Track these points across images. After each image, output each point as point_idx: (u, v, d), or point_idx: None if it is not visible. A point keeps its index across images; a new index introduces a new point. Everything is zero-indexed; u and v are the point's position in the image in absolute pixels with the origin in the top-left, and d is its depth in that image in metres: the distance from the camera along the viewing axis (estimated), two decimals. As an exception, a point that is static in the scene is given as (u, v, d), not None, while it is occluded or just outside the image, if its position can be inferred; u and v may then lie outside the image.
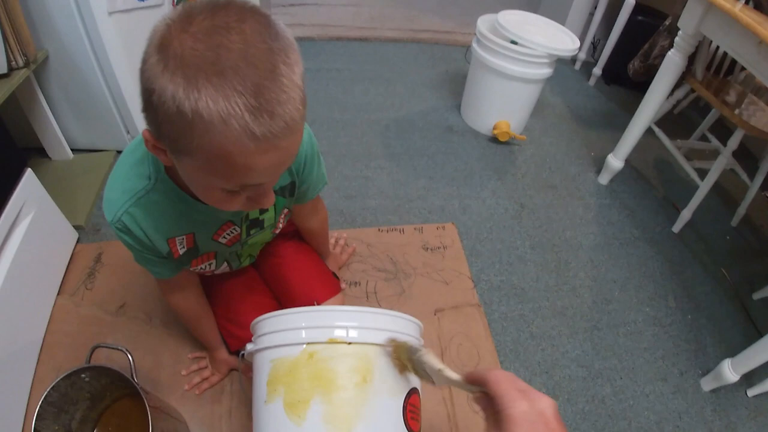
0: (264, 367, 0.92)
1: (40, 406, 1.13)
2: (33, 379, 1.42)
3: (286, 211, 1.16)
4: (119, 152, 2.02)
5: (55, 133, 1.93)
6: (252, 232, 1.12)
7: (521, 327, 1.62)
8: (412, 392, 0.92)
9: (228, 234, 1.06)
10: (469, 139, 2.38)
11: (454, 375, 0.73)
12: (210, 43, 0.58)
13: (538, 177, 2.23)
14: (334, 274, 1.47)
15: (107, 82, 1.82)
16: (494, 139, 2.36)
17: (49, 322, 1.52)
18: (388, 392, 0.88)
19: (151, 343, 1.45)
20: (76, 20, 1.64)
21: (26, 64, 1.62)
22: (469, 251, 1.80)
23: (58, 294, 1.58)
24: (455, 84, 2.78)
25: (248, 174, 0.67)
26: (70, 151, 2.01)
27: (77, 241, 1.71)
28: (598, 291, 1.78)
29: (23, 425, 1.32)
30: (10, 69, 1.58)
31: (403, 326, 0.95)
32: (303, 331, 0.89)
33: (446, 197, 2.01)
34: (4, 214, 1.31)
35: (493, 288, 1.71)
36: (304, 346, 0.88)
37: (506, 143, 2.37)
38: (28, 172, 1.43)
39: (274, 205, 1.08)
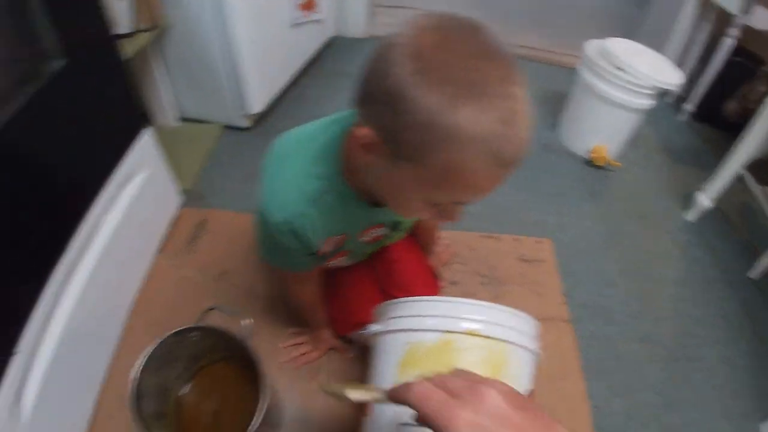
0: (396, 349, 0.94)
1: (147, 359, 1.16)
2: (124, 330, 1.48)
3: None
4: (227, 127, 2.10)
5: (166, 100, 2.02)
6: (392, 234, 1.15)
7: (606, 348, 1.63)
8: (530, 393, 0.95)
9: (372, 233, 1.08)
10: (566, 159, 2.39)
11: (375, 394, 0.61)
12: (473, 65, 0.60)
13: (629, 205, 2.22)
14: (435, 272, 1.50)
15: (226, 57, 1.87)
16: (589, 162, 2.36)
17: (146, 278, 1.58)
18: (512, 389, 0.91)
19: (249, 313, 1.44)
20: (205, -9, 1.71)
21: (150, 29, 1.70)
22: (562, 268, 1.81)
23: (158, 253, 1.64)
24: (551, 103, 2.77)
25: (474, 193, 0.70)
26: (177, 119, 2.09)
27: (181, 206, 1.78)
28: (677, 323, 1.78)
29: (108, 372, 1.40)
30: (135, 31, 1.65)
31: (529, 328, 0.97)
32: (443, 319, 0.90)
33: (543, 213, 2.03)
34: (122, 168, 1.39)
35: (582, 306, 1.72)
36: (443, 333, 0.89)
37: (601, 168, 2.36)
38: (147, 132, 1.50)
39: None
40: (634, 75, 2.07)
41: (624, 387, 1.54)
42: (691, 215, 2.22)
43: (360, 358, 1.41)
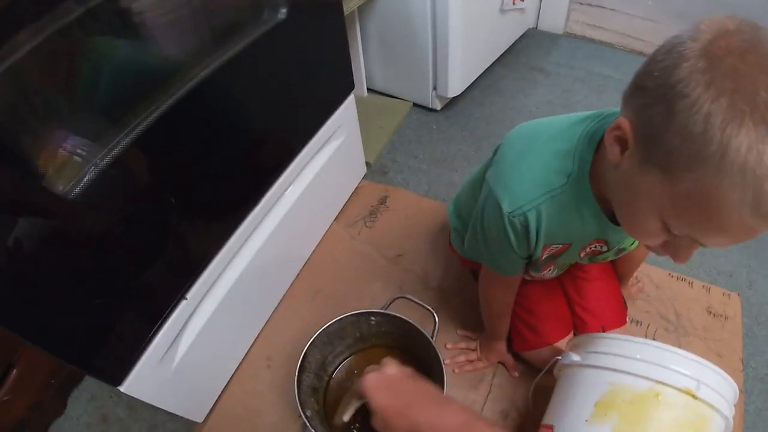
0: (596, 387, 0.92)
1: (318, 334, 1.18)
2: (287, 291, 1.49)
3: None
4: (416, 105, 2.06)
5: (360, 69, 1.98)
6: (609, 255, 1.05)
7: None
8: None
9: (591, 248, 0.99)
10: (769, 207, 2.15)
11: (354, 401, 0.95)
12: None
13: (828, 274, 1.96)
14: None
15: (435, 36, 1.80)
16: (792, 214, 2.11)
17: (319, 245, 1.58)
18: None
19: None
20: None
21: (359, -5, 1.66)
22: (745, 330, 1.61)
23: (334, 221, 1.63)
24: None
25: (714, 233, 0.61)
26: (365, 90, 2.08)
27: (363, 178, 1.76)
28: None
29: (261, 330, 1.41)
30: (343, -4, 1.62)
31: (733, 396, 0.93)
32: (657, 368, 0.88)
33: (736, 263, 1.81)
34: (323, 129, 1.38)
35: (757, 378, 1.52)
36: (654, 383, 0.87)
37: (802, 224, 2.10)
38: (351, 97, 1.48)
39: None
40: None
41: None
42: None
43: (525, 378, 1.32)
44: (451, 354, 1.36)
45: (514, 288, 1.14)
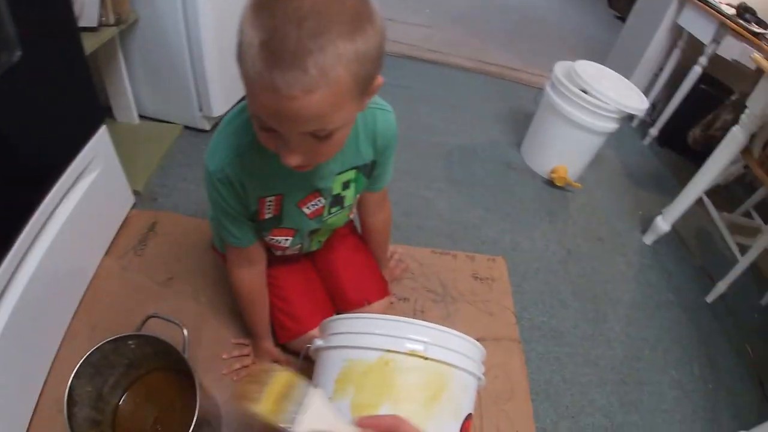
0: (335, 366, 0.94)
1: (81, 365, 1.13)
2: (66, 331, 1.44)
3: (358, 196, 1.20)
4: (186, 127, 2.09)
5: (127, 96, 1.97)
6: (333, 210, 1.15)
7: (555, 369, 1.62)
8: (468, 417, 0.93)
9: (313, 205, 1.10)
10: (527, 178, 2.39)
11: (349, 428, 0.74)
12: None
13: (587, 227, 2.24)
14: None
15: (192, 58, 1.84)
16: (550, 182, 2.37)
17: (92, 279, 1.54)
18: (451, 413, 0.90)
19: (194, 320, 1.46)
20: (177, -10, 1.68)
21: (116, 23, 1.66)
22: (515, 288, 1.81)
23: (105, 254, 1.60)
24: (517, 121, 2.79)
25: (258, 106, 0.72)
26: (137, 117, 2.05)
27: (132, 207, 1.74)
28: (629, 347, 1.79)
29: (48, 375, 1.35)
30: (100, 24, 1.61)
31: (474, 352, 0.97)
32: (383, 338, 0.90)
33: (499, 231, 2.02)
34: (73, 165, 1.35)
35: (534, 327, 1.72)
36: (383, 352, 0.89)
37: (561, 188, 2.37)
38: (103, 129, 1.47)
39: (355, 184, 1.13)
40: (599, 98, 2.09)
41: (572, 409, 1.54)
42: (648, 239, 2.25)
43: (304, 370, 1.36)
44: (228, 363, 1.39)
45: (259, 267, 1.22)
